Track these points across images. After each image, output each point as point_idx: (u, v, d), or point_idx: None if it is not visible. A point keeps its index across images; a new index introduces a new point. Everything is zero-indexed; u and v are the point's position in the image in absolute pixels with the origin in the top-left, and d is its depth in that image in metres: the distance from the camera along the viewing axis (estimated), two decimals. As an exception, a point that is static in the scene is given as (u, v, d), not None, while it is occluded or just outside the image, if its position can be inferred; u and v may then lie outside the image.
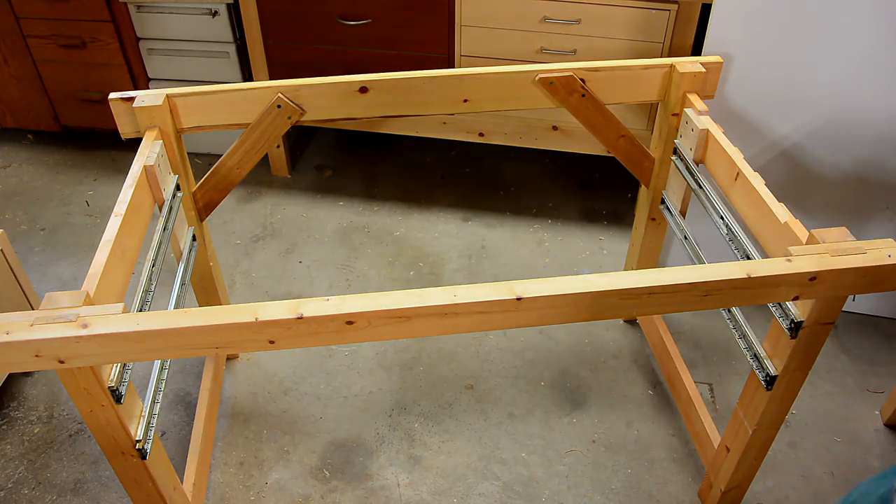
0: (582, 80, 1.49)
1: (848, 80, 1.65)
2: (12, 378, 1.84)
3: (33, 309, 1.33)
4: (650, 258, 1.85)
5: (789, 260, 1.07)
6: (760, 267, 1.07)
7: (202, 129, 1.47)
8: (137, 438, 1.15)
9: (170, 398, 1.81)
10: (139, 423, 1.17)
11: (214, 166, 1.53)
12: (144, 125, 1.40)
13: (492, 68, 1.49)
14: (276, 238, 2.33)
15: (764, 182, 1.27)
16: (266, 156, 2.57)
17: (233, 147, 1.51)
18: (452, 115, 2.10)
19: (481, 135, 2.29)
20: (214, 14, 2.24)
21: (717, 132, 1.42)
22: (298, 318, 1.01)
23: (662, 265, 2.03)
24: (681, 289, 1.06)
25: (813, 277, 1.06)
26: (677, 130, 1.55)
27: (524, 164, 2.67)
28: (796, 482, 1.62)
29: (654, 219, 1.75)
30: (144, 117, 1.39)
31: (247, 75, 2.39)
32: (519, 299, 1.03)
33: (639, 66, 1.51)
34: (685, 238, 1.53)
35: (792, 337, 1.17)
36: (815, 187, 1.83)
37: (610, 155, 1.74)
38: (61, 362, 0.99)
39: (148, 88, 1.85)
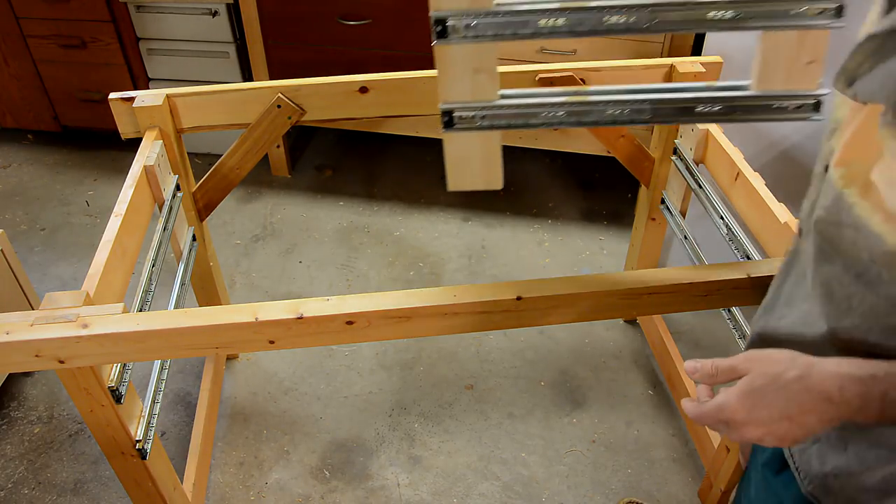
0: (582, 80, 1.49)
1: (848, 80, 1.64)
2: (12, 378, 1.84)
3: (33, 309, 1.33)
4: (650, 258, 1.85)
5: (789, 260, 1.07)
6: (760, 267, 1.07)
7: (202, 129, 1.47)
8: (137, 438, 1.15)
9: (170, 398, 1.81)
10: (139, 423, 1.17)
11: (214, 166, 1.53)
12: (144, 125, 1.40)
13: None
14: (276, 238, 2.33)
15: (764, 182, 1.27)
16: (266, 156, 2.57)
17: (233, 147, 1.51)
18: (452, 115, 2.10)
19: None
20: (214, 14, 2.24)
21: (717, 132, 1.42)
22: (298, 318, 1.01)
23: (662, 265, 2.03)
24: (681, 289, 1.06)
25: (813, 277, 1.06)
26: (677, 130, 1.55)
27: (524, 164, 2.67)
28: (796, 482, 1.62)
29: (654, 219, 1.75)
30: (144, 117, 1.39)
31: (247, 75, 2.39)
32: (519, 299, 1.03)
33: (639, 66, 1.51)
34: (685, 238, 1.53)
35: (792, 337, 1.17)
36: (815, 187, 1.83)
37: (610, 155, 1.74)
38: (61, 362, 0.99)
39: (148, 88, 1.85)
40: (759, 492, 0.84)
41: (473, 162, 0.92)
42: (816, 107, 0.93)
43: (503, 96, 0.92)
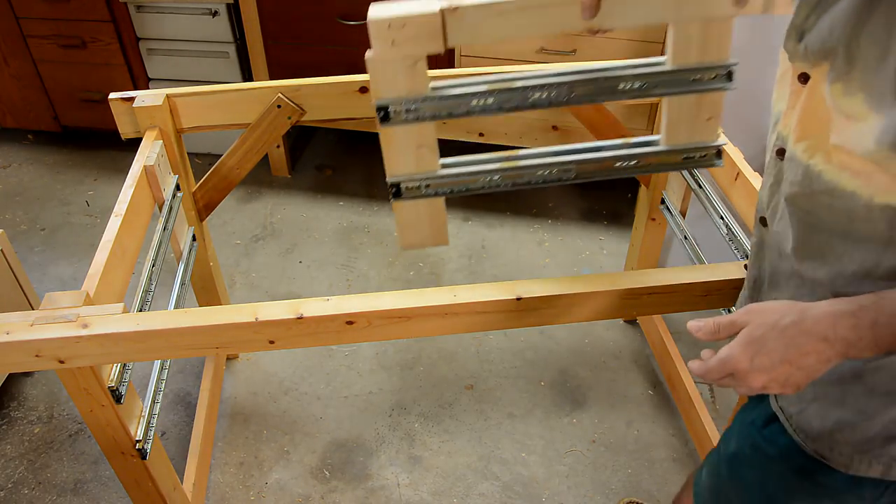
0: (582, 80, 1.49)
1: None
2: (12, 378, 1.84)
3: (33, 309, 1.33)
4: (650, 258, 1.85)
5: (789, 260, 1.07)
6: (760, 267, 1.07)
7: (202, 129, 1.47)
8: (137, 438, 1.15)
9: (170, 398, 1.81)
10: (139, 423, 1.17)
11: (214, 166, 1.53)
12: (144, 125, 1.40)
13: (492, 68, 1.49)
14: (276, 238, 2.33)
15: (764, 182, 1.26)
16: (266, 156, 2.57)
17: (233, 147, 1.51)
18: (452, 115, 2.10)
19: (481, 135, 2.29)
20: (214, 14, 2.24)
21: (717, 132, 1.41)
22: (298, 318, 1.01)
23: (662, 265, 2.03)
24: (681, 289, 1.06)
25: (813, 277, 1.06)
26: (677, 130, 1.55)
27: (524, 164, 2.67)
28: (796, 482, 1.62)
29: (654, 219, 1.75)
30: (144, 117, 1.39)
31: (247, 75, 2.39)
32: (519, 299, 1.03)
33: (639, 66, 1.51)
34: (685, 238, 1.53)
35: (792, 337, 1.16)
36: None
37: (610, 155, 1.74)
38: (61, 362, 0.99)
39: (148, 88, 1.85)
40: (741, 448, 0.86)
41: (422, 225, 1.04)
42: (718, 154, 1.03)
43: (444, 165, 1.00)
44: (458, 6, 0.93)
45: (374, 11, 0.94)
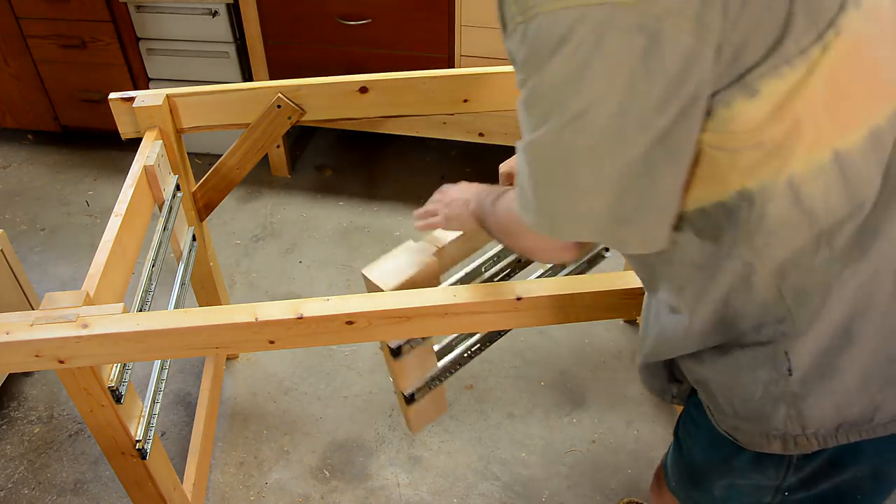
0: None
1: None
2: (12, 378, 1.84)
3: (33, 309, 1.33)
4: (650, 258, 1.85)
5: (789, 260, 1.07)
6: (760, 267, 1.07)
7: (202, 129, 1.47)
8: (137, 438, 1.15)
9: (170, 398, 1.81)
10: (139, 423, 1.17)
11: (214, 166, 1.53)
12: (144, 125, 1.40)
13: (492, 68, 1.49)
14: (276, 238, 2.33)
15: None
16: (266, 156, 2.57)
17: (233, 147, 1.51)
18: (452, 115, 2.10)
19: (481, 135, 2.29)
20: (214, 14, 2.24)
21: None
22: (298, 318, 1.01)
23: (662, 265, 2.03)
24: (681, 289, 1.06)
25: (813, 277, 1.06)
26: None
27: (524, 164, 2.66)
28: (796, 482, 1.62)
29: (653, 219, 1.75)
30: (144, 117, 1.39)
31: (247, 75, 2.39)
32: (519, 299, 1.03)
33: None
34: (685, 238, 1.53)
35: (792, 337, 1.17)
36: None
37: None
38: (61, 362, 0.99)
39: (148, 88, 1.85)
40: (682, 426, 0.93)
41: (429, 410, 1.30)
42: None
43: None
44: (444, 246, 1.22)
45: (381, 282, 1.10)
